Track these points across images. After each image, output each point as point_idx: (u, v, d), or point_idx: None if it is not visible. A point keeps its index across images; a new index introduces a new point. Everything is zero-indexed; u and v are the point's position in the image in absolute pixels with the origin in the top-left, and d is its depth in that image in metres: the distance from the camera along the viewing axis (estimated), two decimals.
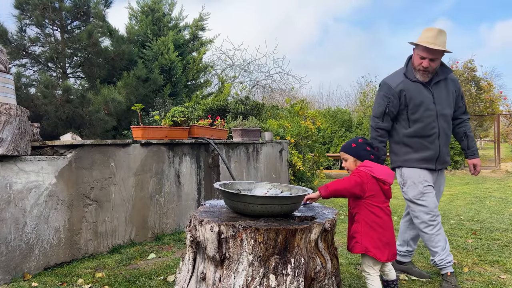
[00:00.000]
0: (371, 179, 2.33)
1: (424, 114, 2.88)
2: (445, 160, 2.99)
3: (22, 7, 8.16)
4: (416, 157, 2.93)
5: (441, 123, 2.90)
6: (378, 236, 2.32)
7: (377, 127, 3.01)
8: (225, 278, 1.97)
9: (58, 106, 7.44)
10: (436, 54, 2.77)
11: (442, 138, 2.92)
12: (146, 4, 11.26)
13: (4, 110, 3.14)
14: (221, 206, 2.46)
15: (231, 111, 8.47)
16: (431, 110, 2.88)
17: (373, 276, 2.36)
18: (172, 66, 10.32)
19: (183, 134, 4.85)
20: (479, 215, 5.41)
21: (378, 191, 2.34)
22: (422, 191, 2.89)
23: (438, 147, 2.91)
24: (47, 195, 3.29)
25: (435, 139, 2.90)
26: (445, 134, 2.94)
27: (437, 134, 2.90)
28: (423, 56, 2.80)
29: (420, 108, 2.88)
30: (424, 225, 2.90)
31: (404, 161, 2.98)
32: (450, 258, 2.88)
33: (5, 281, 2.98)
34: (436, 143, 2.90)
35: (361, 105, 18.66)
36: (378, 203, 2.34)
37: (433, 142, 2.91)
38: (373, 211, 2.33)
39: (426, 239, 2.94)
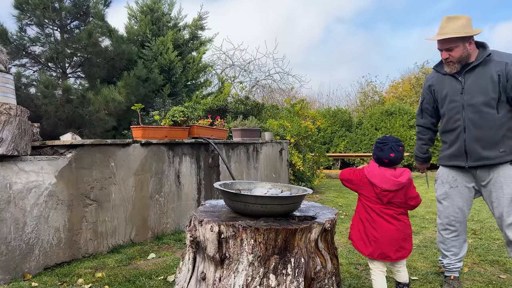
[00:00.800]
0: (363, 179, 2.39)
1: (448, 106, 2.70)
2: (481, 156, 2.58)
3: (22, 7, 8.15)
4: (447, 154, 2.77)
5: (467, 114, 2.60)
6: (364, 230, 2.41)
7: (417, 124, 3.00)
8: (225, 278, 1.97)
9: (58, 106, 7.44)
10: (448, 43, 2.56)
11: (471, 131, 2.60)
12: (145, 4, 11.25)
13: (4, 110, 3.14)
14: (221, 206, 2.46)
15: (231, 111, 8.47)
16: (456, 101, 2.65)
17: (374, 271, 2.44)
18: (171, 65, 10.32)
19: (183, 134, 4.86)
20: (479, 215, 5.41)
21: (370, 192, 2.38)
22: (447, 191, 2.77)
23: (464, 142, 2.63)
24: (47, 195, 3.29)
25: (460, 132, 2.65)
26: (474, 126, 2.59)
27: (462, 127, 2.63)
28: (439, 48, 2.64)
29: (445, 101, 2.73)
30: (442, 226, 2.87)
31: (439, 158, 2.89)
32: (460, 265, 2.83)
33: (5, 281, 2.98)
34: (462, 137, 2.64)
35: (361, 105, 18.67)
36: (369, 202, 2.39)
37: (458, 136, 2.66)
38: (366, 209, 2.41)
39: (439, 240, 2.92)
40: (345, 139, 13.64)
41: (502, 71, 2.54)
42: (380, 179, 2.32)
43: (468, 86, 2.62)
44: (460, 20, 2.57)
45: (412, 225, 4.81)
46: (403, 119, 12.87)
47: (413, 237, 4.27)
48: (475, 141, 2.61)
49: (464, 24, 2.56)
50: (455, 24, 2.57)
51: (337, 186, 9.08)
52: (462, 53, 2.59)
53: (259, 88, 17.70)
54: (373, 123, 13.31)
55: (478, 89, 2.59)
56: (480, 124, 2.59)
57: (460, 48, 2.58)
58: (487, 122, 2.58)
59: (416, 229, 4.62)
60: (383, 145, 2.37)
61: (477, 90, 2.59)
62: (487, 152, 2.58)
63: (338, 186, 9.19)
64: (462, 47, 2.58)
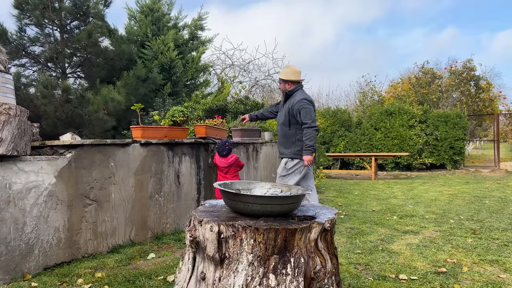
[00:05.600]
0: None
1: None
2: (280, 152, 4.28)
3: (21, 7, 8.15)
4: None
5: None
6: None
7: (317, 129, 4.23)
8: (225, 277, 1.97)
9: (57, 106, 7.43)
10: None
11: (279, 137, 4.29)
12: (145, 4, 11.24)
13: (3, 110, 3.14)
14: (220, 206, 2.46)
15: (231, 111, 8.47)
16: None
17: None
18: (172, 64, 10.31)
19: (182, 134, 4.86)
20: (478, 215, 5.41)
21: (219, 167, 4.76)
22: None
23: (278, 143, 4.32)
24: (46, 195, 3.29)
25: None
26: (279, 135, 4.27)
27: (278, 134, 4.30)
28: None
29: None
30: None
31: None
32: None
33: (5, 281, 2.98)
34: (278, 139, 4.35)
35: (360, 105, 18.66)
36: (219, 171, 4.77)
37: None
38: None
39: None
40: (345, 139, 13.64)
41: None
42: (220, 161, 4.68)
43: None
44: (287, 68, 4.24)
45: (412, 225, 4.82)
46: (403, 119, 12.87)
47: (412, 237, 4.28)
48: (280, 143, 4.29)
49: (287, 71, 4.19)
50: (285, 70, 4.24)
51: (337, 186, 9.09)
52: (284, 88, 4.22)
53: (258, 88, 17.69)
54: (372, 123, 13.31)
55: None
56: (281, 134, 4.25)
57: (283, 85, 4.23)
58: (283, 133, 4.22)
59: (415, 229, 4.62)
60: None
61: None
62: (282, 149, 4.24)
63: (337, 186, 9.19)
64: (283, 85, 4.22)
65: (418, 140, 12.67)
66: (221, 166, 4.68)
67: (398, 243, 4.04)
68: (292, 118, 4.08)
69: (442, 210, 5.79)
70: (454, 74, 17.64)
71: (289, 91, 4.14)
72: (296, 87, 4.14)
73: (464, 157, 13.63)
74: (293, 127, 4.10)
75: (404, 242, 4.07)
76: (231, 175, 4.69)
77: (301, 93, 4.11)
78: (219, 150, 4.69)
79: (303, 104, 4.00)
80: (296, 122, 4.07)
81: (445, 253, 3.67)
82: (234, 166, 4.72)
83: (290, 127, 4.11)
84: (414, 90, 18.14)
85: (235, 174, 4.74)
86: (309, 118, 3.98)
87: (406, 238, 4.24)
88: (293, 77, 4.11)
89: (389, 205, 6.35)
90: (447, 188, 8.37)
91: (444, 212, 5.67)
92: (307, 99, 4.06)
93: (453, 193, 7.58)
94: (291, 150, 4.12)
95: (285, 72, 4.17)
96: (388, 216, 5.39)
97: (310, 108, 4.03)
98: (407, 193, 7.77)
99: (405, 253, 3.67)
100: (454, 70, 17.83)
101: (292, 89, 4.14)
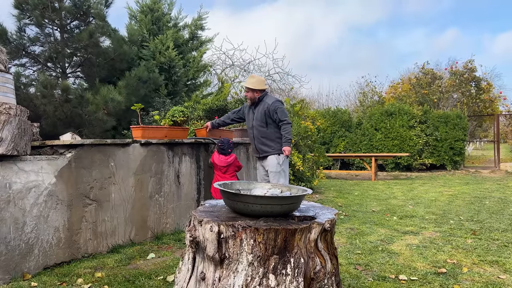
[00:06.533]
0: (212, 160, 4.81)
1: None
2: (261, 150, 4.64)
3: (21, 6, 8.13)
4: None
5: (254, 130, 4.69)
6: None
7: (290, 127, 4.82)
8: (225, 278, 1.97)
9: (57, 106, 7.43)
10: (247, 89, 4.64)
11: (256, 139, 4.64)
12: (145, 4, 11.23)
13: (3, 109, 3.14)
14: (220, 206, 2.46)
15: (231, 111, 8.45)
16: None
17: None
18: (172, 64, 10.29)
19: (183, 134, 4.85)
20: (478, 215, 5.41)
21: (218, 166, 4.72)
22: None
23: (254, 145, 4.69)
24: (46, 194, 3.29)
25: (252, 140, 4.71)
26: (256, 137, 4.63)
27: (252, 137, 4.69)
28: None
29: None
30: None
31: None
32: None
33: (5, 280, 2.97)
34: (253, 142, 4.72)
35: (360, 105, 18.66)
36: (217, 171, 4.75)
37: (252, 142, 4.76)
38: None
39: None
40: (345, 139, 13.64)
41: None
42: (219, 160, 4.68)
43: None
44: (253, 78, 4.67)
45: (412, 226, 4.82)
46: (403, 119, 12.87)
47: (412, 237, 4.28)
48: (257, 142, 4.68)
49: (253, 81, 4.59)
50: (251, 80, 4.64)
51: (337, 186, 9.08)
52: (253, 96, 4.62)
53: None
54: (372, 123, 13.31)
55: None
56: (257, 135, 4.65)
57: (250, 93, 4.62)
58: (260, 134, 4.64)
59: (415, 229, 4.62)
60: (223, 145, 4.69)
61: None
62: (260, 146, 4.64)
63: (337, 186, 9.19)
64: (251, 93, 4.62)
65: (418, 140, 12.67)
66: (220, 165, 4.65)
67: (398, 243, 4.04)
68: (268, 119, 4.54)
69: (442, 211, 5.79)
70: (455, 74, 17.64)
71: (259, 98, 4.62)
72: (263, 93, 4.65)
73: (464, 158, 13.63)
74: (270, 126, 4.56)
75: (404, 242, 4.07)
76: (230, 175, 4.69)
77: (269, 96, 4.67)
78: (223, 147, 4.65)
79: (278, 105, 4.53)
80: (272, 122, 4.54)
81: (445, 253, 3.67)
82: (232, 166, 4.72)
83: (268, 127, 4.57)
84: (415, 91, 18.14)
85: (233, 174, 4.74)
86: (285, 116, 4.51)
87: (406, 238, 4.24)
88: (260, 86, 4.59)
89: (389, 205, 6.35)
90: (447, 189, 8.37)
91: (444, 212, 5.67)
92: (279, 100, 4.63)
93: (453, 194, 7.58)
94: (274, 147, 4.56)
95: (252, 82, 4.58)
96: (388, 217, 5.39)
97: (283, 107, 4.62)
98: (407, 193, 7.77)
99: (405, 254, 3.67)
100: (455, 70, 17.84)
101: (261, 96, 4.63)
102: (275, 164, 4.56)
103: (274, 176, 4.57)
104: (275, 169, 4.56)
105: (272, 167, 4.57)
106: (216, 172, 4.75)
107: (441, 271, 3.18)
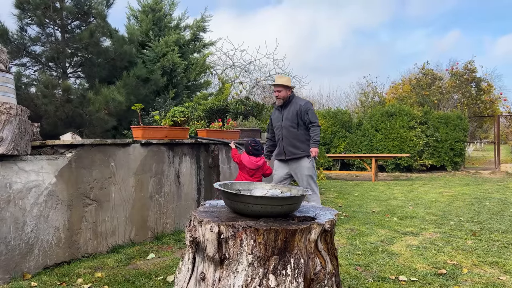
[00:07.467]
0: (240, 162, 4.49)
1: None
2: (290, 152, 4.51)
3: (22, 6, 8.14)
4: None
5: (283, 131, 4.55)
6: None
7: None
8: (225, 278, 1.97)
9: (58, 106, 7.43)
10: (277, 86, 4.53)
11: (285, 140, 4.52)
12: (146, 4, 11.23)
13: (4, 109, 3.14)
14: (221, 206, 2.46)
15: (231, 111, 8.46)
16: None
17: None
18: (174, 67, 10.30)
19: (183, 134, 4.86)
20: (478, 216, 5.41)
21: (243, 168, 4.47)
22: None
23: (282, 146, 4.54)
24: (47, 194, 3.29)
25: (280, 141, 4.57)
26: (286, 137, 4.51)
27: (281, 138, 4.55)
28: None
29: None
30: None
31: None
32: None
33: (5, 280, 2.98)
34: (281, 144, 4.57)
35: (361, 106, 18.66)
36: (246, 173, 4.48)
37: (280, 144, 4.60)
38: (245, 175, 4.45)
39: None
40: (345, 140, 13.63)
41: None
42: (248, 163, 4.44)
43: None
44: (285, 77, 4.58)
45: (412, 226, 4.82)
46: (403, 120, 12.86)
47: (412, 238, 4.28)
48: (287, 145, 4.53)
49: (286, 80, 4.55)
50: (284, 79, 4.55)
51: (337, 187, 9.08)
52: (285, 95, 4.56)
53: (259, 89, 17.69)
54: (373, 124, 13.30)
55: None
56: (288, 136, 4.52)
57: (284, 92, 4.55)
58: (291, 136, 4.52)
59: (415, 230, 4.62)
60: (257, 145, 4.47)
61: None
62: (291, 149, 4.51)
63: (338, 186, 9.19)
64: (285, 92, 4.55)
65: (418, 141, 12.66)
66: (250, 167, 4.40)
67: (398, 244, 4.04)
68: (299, 120, 4.49)
69: (442, 212, 5.79)
70: (455, 75, 17.63)
71: (290, 97, 4.57)
72: (292, 94, 4.63)
73: (464, 159, 13.62)
74: (300, 128, 4.52)
75: (404, 243, 4.07)
76: (257, 179, 4.45)
77: (299, 98, 4.67)
78: (257, 148, 4.44)
79: (310, 106, 4.52)
80: (302, 124, 4.51)
81: (445, 254, 3.67)
82: (261, 169, 4.53)
83: (298, 128, 4.52)
84: (415, 92, 18.12)
85: (260, 179, 4.52)
86: (315, 118, 4.49)
87: (406, 239, 4.24)
88: (290, 84, 4.59)
89: (389, 206, 6.34)
90: (447, 190, 8.36)
91: (444, 213, 5.66)
92: (310, 102, 4.59)
93: (453, 195, 7.58)
94: (304, 149, 4.48)
95: (284, 80, 4.53)
96: (388, 218, 5.39)
97: (314, 109, 4.60)
98: (407, 194, 7.76)
99: (405, 255, 3.67)
100: (455, 71, 17.83)
101: (292, 94, 4.61)
102: (306, 167, 4.46)
103: (306, 179, 4.47)
104: (306, 171, 4.47)
105: (304, 170, 4.47)
106: (242, 174, 4.47)
107: (441, 272, 3.18)
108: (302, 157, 4.46)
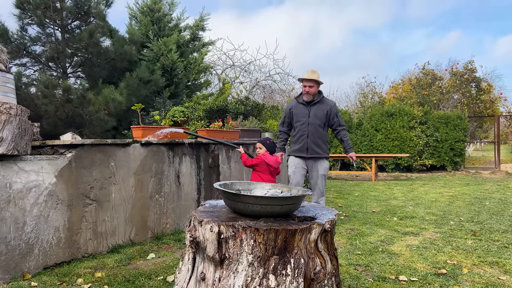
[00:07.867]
0: (263, 162, 4.15)
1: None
2: (313, 151, 4.48)
3: (23, 6, 8.15)
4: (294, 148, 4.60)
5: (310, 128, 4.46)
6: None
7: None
8: (225, 278, 1.97)
9: (58, 106, 7.44)
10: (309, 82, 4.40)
11: (310, 137, 4.43)
12: (145, 4, 11.23)
13: (4, 109, 3.14)
14: (221, 206, 2.46)
15: (231, 111, 8.46)
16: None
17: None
18: (174, 66, 10.30)
19: (183, 134, 4.86)
20: (478, 216, 5.41)
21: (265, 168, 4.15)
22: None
23: (306, 143, 4.45)
24: (47, 194, 3.29)
25: (304, 138, 4.46)
26: (312, 135, 4.42)
27: (306, 135, 4.44)
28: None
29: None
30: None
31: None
32: None
33: (5, 280, 2.98)
34: (304, 140, 4.46)
35: (361, 106, 18.65)
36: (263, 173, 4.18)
37: (302, 140, 4.48)
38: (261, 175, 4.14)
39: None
40: None
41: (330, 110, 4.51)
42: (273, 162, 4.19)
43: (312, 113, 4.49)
44: (316, 73, 4.42)
45: (412, 226, 4.82)
46: (403, 120, 12.86)
47: (412, 238, 4.28)
48: (312, 143, 4.46)
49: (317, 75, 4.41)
50: (315, 74, 4.40)
51: (337, 187, 9.08)
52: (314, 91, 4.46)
53: (259, 89, 17.69)
54: (373, 124, 13.30)
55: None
56: (315, 134, 4.45)
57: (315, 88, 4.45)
58: (318, 134, 4.47)
59: (415, 230, 4.62)
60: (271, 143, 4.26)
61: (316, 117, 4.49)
62: (316, 148, 4.47)
63: (338, 186, 9.19)
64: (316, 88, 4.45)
65: (418, 141, 12.66)
66: (275, 166, 4.24)
67: (398, 244, 4.04)
68: (327, 121, 4.50)
69: (442, 212, 5.79)
70: (455, 75, 17.63)
71: (318, 94, 4.49)
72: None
73: (464, 159, 13.62)
74: (325, 128, 4.55)
75: (404, 243, 4.07)
76: (274, 177, 4.35)
77: (326, 97, 4.61)
78: (274, 146, 4.31)
79: (337, 108, 4.58)
80: (327, 125, 4.55)
81: (445, 254, 3.67)
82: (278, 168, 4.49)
83: (324, 128, 4.53)
84: (415, 92, 18.12)
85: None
86: (343, 121, 4.58)
87: (406, 239, 4.24)
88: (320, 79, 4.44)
89: (389, 206, 6.34)
90: (447, 190, 8.36)
91: (444, 213, 5.67)
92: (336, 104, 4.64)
93: (453, 195, 7.58)
94: (325, 150, 4.55)
95: (317, 76, 4.39)
96: (388, 217, 5.39)
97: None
98: (407, 194, 7.76)
99: (405, 254, 3.67)
100: (455, 71, 17.83)
101: (320, 91, 4.53)
102: (324, 167, 4.56)
103: (321, 178, 4.56)
104: (323, 171, 4.56)
105: (322, 169, 4.54)
106: (262, 175, 4.16)
107: (441, 272, 3.18)
108: (322, 158, 4.51)
